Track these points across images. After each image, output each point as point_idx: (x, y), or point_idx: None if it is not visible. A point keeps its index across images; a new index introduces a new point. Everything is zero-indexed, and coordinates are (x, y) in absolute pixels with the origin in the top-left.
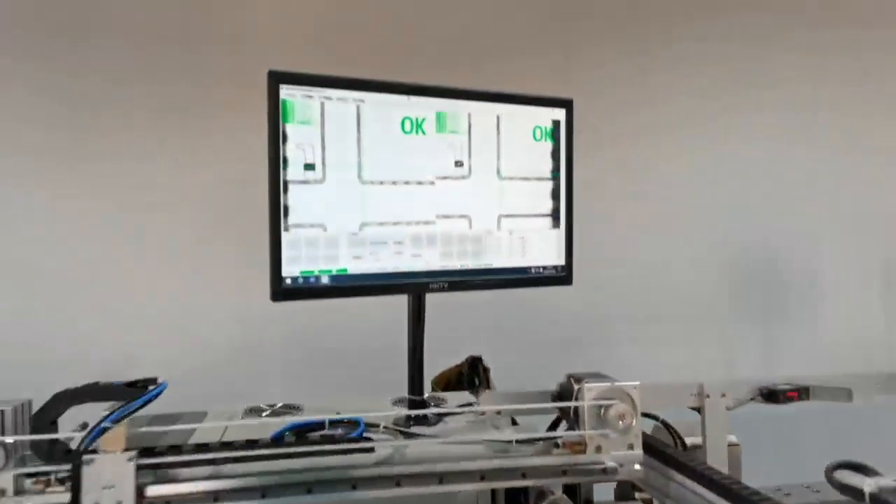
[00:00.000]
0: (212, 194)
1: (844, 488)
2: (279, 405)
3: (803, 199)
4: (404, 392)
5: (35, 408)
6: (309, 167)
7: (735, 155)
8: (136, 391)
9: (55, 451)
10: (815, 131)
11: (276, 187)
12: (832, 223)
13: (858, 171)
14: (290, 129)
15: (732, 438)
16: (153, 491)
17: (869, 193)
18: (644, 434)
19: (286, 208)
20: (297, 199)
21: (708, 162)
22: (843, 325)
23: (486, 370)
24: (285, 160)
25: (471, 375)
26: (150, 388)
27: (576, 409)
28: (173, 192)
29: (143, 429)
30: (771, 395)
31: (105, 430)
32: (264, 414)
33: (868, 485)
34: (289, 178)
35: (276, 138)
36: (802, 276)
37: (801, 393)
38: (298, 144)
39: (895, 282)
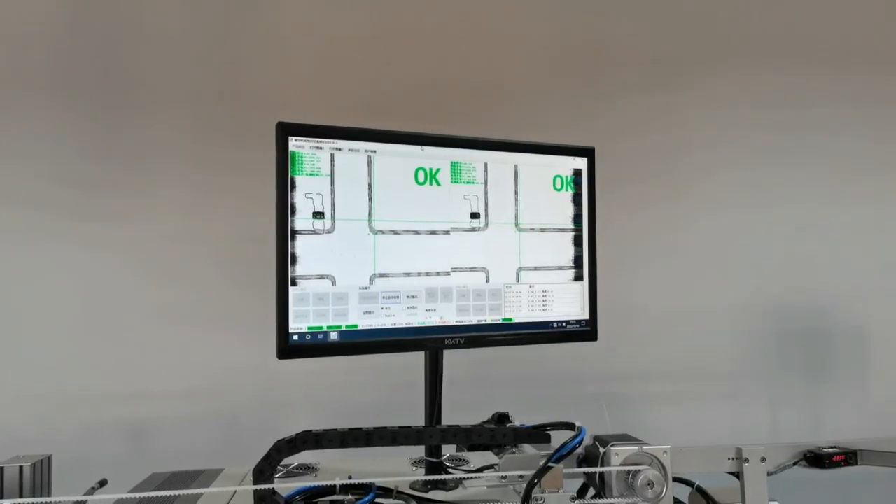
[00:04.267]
0: (237, 248)
1: None
2: (294, 465)
3: (850, 251)
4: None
5: (55, 464)
6: (318, 216)
7: (778, 205)
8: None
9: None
10: (860, 181)
11: (284, 236)
12: (880, 275)
13: None
14: (300, 179)
15: None
16: None
17: None
18: (677, 501)
19: (294, 257)
20: (305, 249)
21: (749, 213)
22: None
23: None
24: (293, 208)
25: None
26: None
27: (602, 474)
28: (200, 247)
29: (152, 493)
30: (816, 460)
31: (548, 469)
32: (277, 476)
33: None
34: (297, 226)
35: (284, 187)
36: (851, 332)
37: (849, 457)
38: (307, 194)
39: None
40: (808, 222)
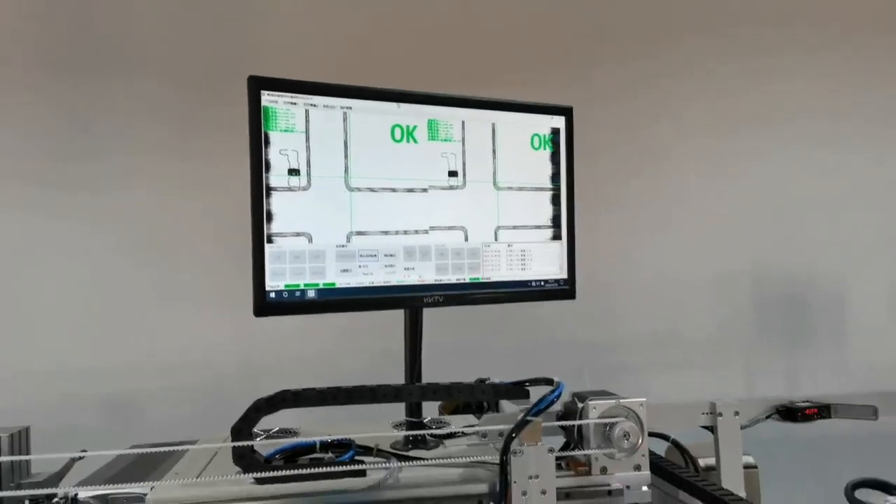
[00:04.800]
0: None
1: None
2: (275, 429)
3: (831, 217)
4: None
5: (33, 435)
6: (293, 172)
7: (760, 173)
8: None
9: (254, 461)
10: (843, 146)
11: (259, 192)
12: (861, 241)
13: (888, 188)
14: (274, 135)
15: (749, 460)
16: None
17: None
18: (653, 454)
19: (269, 214)
20: (280, 206)
21: (731, 179)
22: (873, 350)
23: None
24: (268, 164)
25: (479, 404)
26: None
27: (580, 428)
28: (178, 216)
29: (134, 450)
30: (788, 413)
31: (527, 422)
32: (258, 439)
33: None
34: (272, 183)
35: (257, 142)
36: (829, 298)
37: (822, 411)
38: (282, 150)
39: None
40: (787, 191)
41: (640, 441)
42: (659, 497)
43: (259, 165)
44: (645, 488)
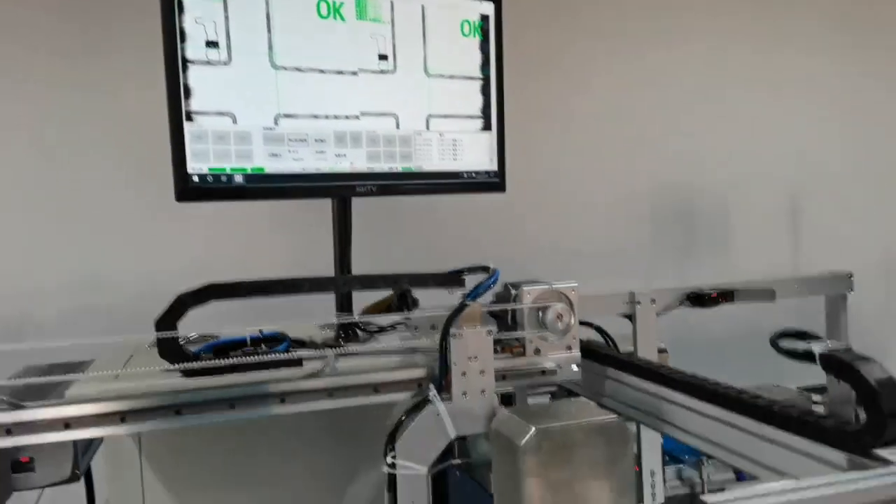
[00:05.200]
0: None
1: (792, 353)
2: (193, 335)
3: (719, 141)
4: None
5: None
6: (211, 45)
7: (655, 92)
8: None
9: (179, 352)
10: (728, 69)
11: (174, 64)
12: (744, 157)
13: (768, 107)
14: (188, 1)
15: (662, 345)
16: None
17: (779, 128)
18: (580, 339)
19: (187, 89)
20: (199, 81)
21: (628, 97)
22: (754, 257)
23: (415, 301)
24: (182, 33)
25: (400, 307)
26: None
27: (514, 315)
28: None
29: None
30: (698, 299)
31: (464, 307)
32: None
33: (818, 346)
34: (188, 55)
35: (169, 7)
36: (716, 210)
37: (727, 296)
38: (197, 18)
39: (801, 214)
40: (681, 105)
41: (572, 320)
42: (587, 377)
43: (172, 33)
44: (575, 367)
